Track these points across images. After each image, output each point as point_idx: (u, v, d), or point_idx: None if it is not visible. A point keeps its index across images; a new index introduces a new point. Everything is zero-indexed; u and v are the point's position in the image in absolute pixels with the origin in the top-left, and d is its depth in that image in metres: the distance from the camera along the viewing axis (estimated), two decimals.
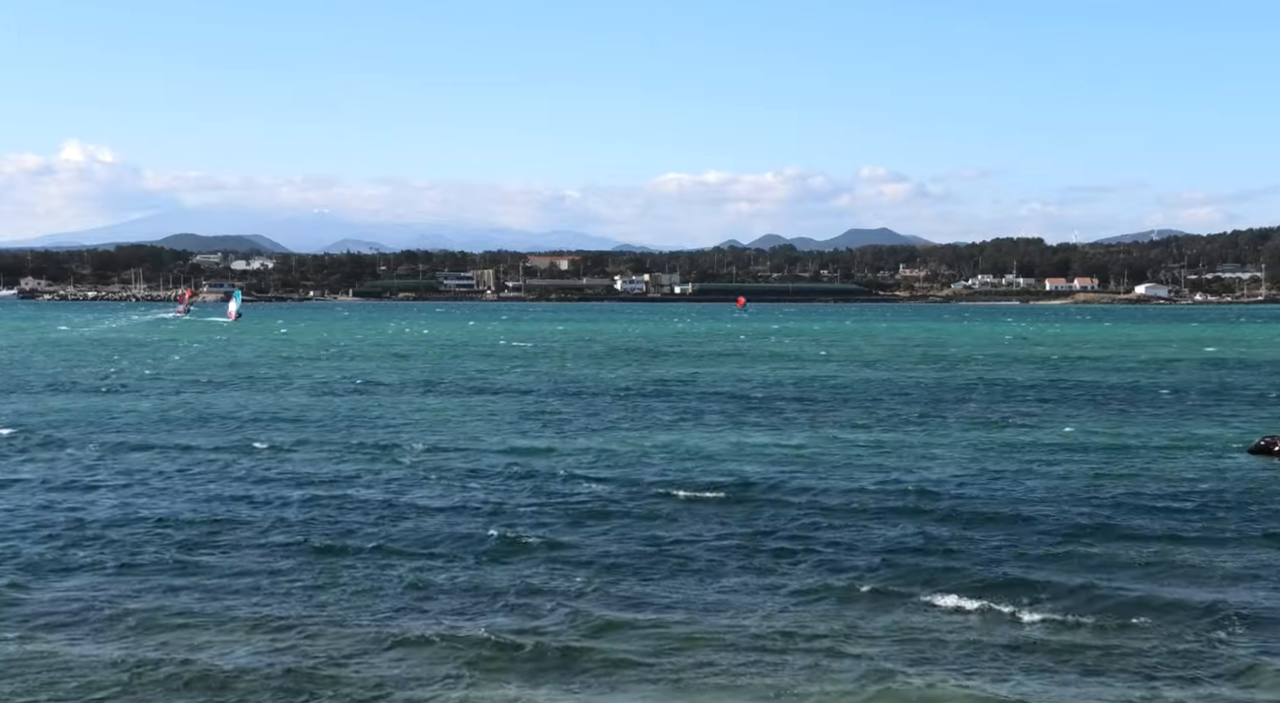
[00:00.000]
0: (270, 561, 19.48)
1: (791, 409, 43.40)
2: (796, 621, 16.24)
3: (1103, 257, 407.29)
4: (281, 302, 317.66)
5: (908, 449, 32.50)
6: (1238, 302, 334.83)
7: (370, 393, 49.99)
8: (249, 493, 25.37)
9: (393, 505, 23.93)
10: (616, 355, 79.67)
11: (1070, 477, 27.77)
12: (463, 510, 23.52)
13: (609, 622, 16.11)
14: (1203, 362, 73.67)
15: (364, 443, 33.30)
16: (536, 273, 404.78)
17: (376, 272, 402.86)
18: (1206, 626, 16.08)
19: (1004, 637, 15.57)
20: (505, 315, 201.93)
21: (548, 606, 16.85)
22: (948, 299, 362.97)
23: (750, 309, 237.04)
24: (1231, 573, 18.86)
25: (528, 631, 15.73)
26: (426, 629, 15.73)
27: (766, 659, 14.69)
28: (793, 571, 18.90)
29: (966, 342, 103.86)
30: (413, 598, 17.34)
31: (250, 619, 16.27)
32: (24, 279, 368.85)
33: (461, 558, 19.60)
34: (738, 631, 15.75)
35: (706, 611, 16.71)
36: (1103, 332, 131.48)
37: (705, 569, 19.00)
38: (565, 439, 34.36)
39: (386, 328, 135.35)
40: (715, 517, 23.00)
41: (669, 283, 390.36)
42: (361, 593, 17.55)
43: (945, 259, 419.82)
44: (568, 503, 24.18)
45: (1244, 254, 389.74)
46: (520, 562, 19.35)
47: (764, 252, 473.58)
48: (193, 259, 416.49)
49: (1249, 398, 48.54)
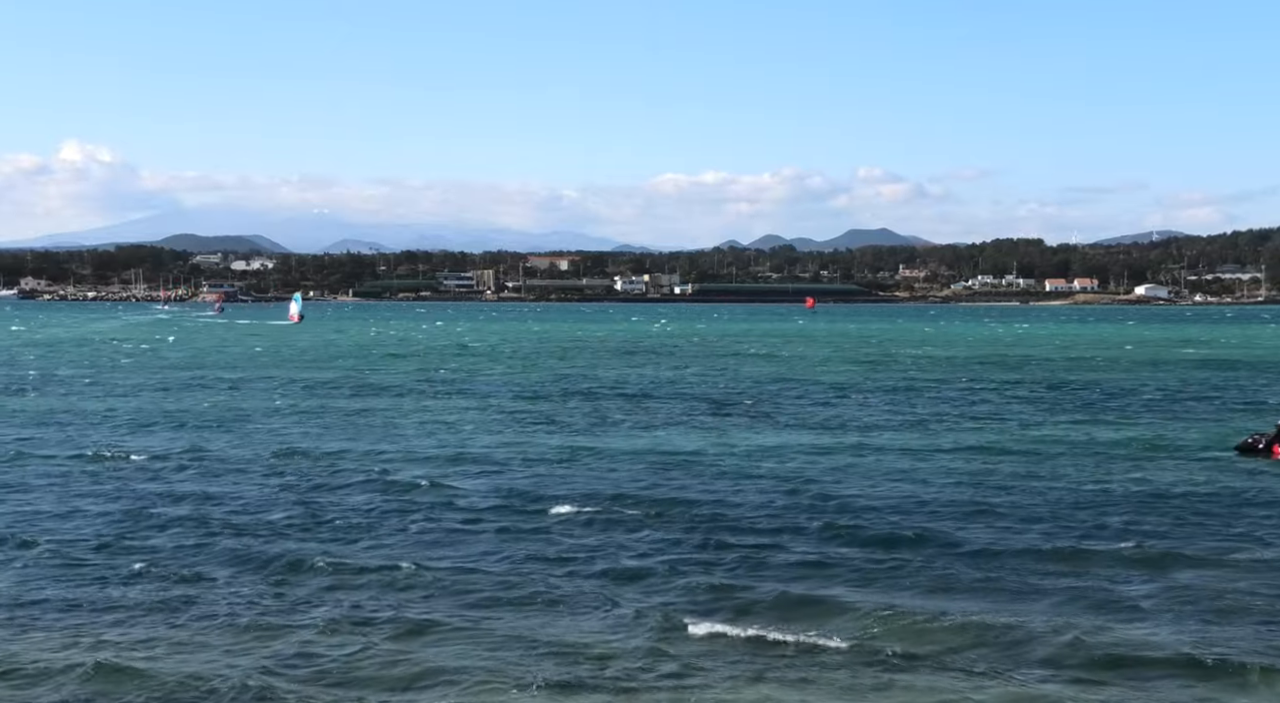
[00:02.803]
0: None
1: (702, 411, 43.44)
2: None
3: (1103, 257, 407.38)
4: (281, 302, 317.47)
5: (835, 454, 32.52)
6: (1238, 302, 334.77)
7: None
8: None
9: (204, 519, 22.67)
10: (571, 356, 79.74)
11: (1058, 475, 27.73)
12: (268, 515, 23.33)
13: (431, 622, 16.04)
14: (1186, 362, 73.66)
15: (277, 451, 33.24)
16: (536, 273, 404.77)
17: (376, 272, 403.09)
18: (1205, 624, 16.04)
19: (1001, 638, 15.52)
20: (495, 314, 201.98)
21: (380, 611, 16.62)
22: (947, 300, 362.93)
23: (739, 311, 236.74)
24: (1230, 571, 18.83)
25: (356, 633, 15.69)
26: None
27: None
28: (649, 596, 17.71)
29: (943, 341, 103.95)
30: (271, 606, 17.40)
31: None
32: (24, 279, 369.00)
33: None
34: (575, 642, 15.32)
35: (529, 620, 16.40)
36: (1087, 332, 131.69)
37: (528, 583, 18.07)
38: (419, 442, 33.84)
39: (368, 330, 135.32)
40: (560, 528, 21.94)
41: (669, 283, 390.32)
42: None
43: (945, 260, 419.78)
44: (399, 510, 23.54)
45: (1244, 255, 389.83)
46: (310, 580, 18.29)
47: (764, 252, 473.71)
48: (193, 259, 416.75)
49: (1236, 398, 48.55)
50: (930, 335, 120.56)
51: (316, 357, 76.82)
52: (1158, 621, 16.22)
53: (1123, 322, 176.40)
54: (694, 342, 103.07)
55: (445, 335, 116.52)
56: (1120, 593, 17.50)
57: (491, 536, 21.17)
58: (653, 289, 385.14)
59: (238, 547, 20.23)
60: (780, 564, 19.17)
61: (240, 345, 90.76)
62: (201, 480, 26.84)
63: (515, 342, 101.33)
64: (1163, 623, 16.10)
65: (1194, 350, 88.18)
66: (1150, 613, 16.56)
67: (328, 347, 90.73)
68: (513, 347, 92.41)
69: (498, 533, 21.31)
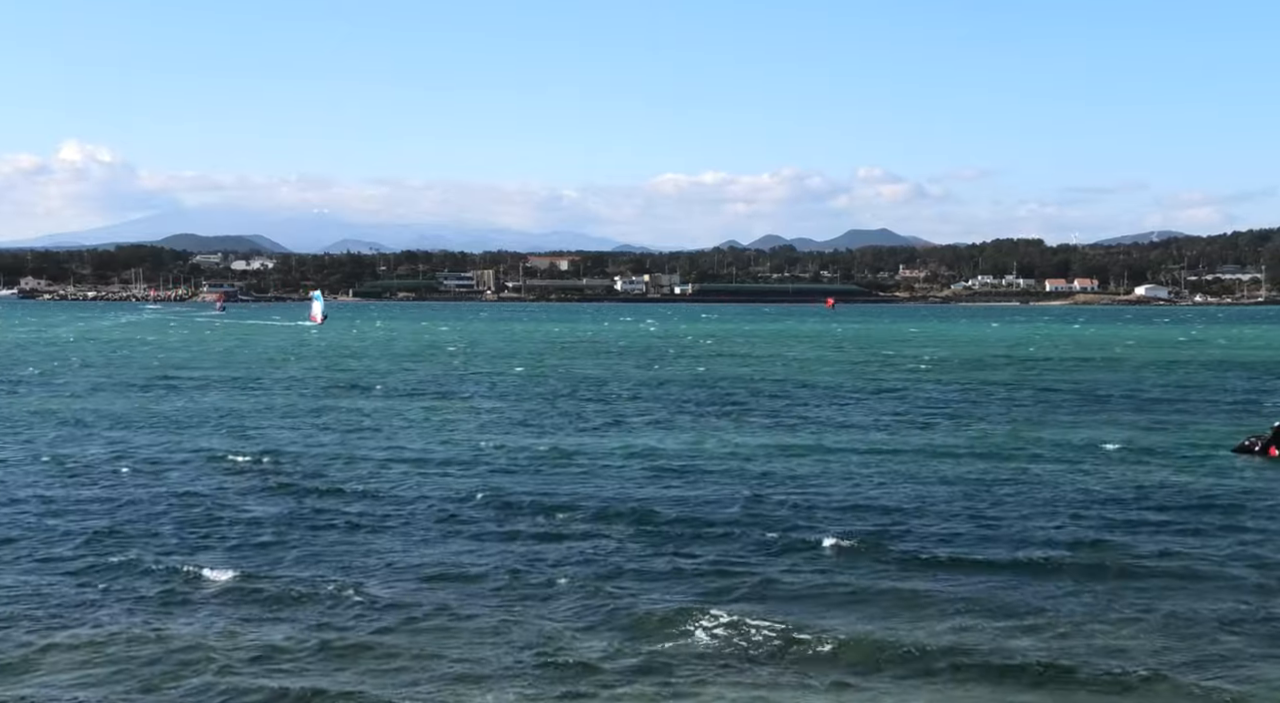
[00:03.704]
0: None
1: (658, 410, 43.47)
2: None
3: (1103, 258, 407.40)
4: (281, 302, 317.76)
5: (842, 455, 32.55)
6: (1238, 303, 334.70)
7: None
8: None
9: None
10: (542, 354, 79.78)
11: (1059, 479, 27.76)
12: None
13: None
14: (1180, 363, 73.71)
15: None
16: (536, 273, 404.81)
17: (376, 272, 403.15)
18: (1207, 623, 16.12)
19: (997, 639, 15.54)
20: (485, 314, 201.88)
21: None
22: (947, 300, 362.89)
23: (725, 311, 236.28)
24: (1229, 568, 18.92)
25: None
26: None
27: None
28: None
29: (928, 341, 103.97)
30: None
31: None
32: (24, 279, 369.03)
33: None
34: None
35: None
36: (1074, 332, 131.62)
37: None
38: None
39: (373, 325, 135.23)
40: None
41: (669, 283, 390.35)
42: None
43: (945, 260, 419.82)
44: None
45: (1244, 255, 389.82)
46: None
47: (764, 252, 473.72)
48: (193, 259, 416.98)
49: (1227, 399, 48.57)
50: (947, 334, 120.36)
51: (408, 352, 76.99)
52: (1156, 620, 16.24)
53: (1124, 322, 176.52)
54: (705, 343, 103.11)
55: (439, 335, 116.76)
56: (1120, 593, 17.51)
57: (464, 538, 21.12)
58: (653, 289, 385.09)
59: (208, 544, 20.55)
60: (756, 564, 19.14)
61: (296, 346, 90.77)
62: (190, 482, 26.95)
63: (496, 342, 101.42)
64: (1163, 623, 16.12)
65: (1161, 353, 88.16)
66: (1150, 613, 16.58)
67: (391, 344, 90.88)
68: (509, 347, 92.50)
69: (470, 538, 21.18)
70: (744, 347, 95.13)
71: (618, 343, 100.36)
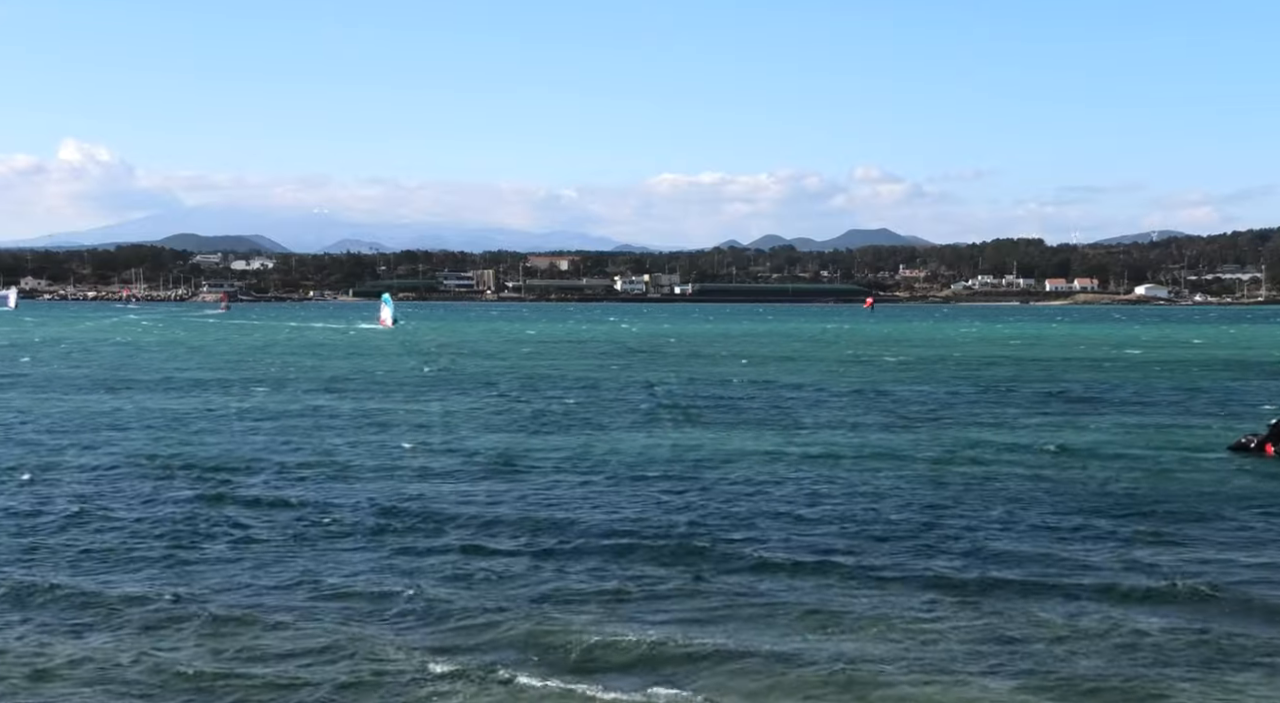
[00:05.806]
0: None
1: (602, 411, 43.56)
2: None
3: (1103, 257, 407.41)
4: (281, 302, 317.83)
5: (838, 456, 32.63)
6: (1238, 302, 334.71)
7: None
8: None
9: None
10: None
11: (1057, 477, 27.80)
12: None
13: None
14: (1175, 362, 73.74)
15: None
16: (536, 273, 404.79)
17: (376, 272, 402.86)
18: (1206, 619, 16.17)
19: (995, 638, 15.56)
20: (472, 314, 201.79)
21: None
22: (947, 300, 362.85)
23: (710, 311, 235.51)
24: (1226, 566, 18.96)
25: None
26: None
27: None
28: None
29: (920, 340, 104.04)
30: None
31: None
32: (24, 279, 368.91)
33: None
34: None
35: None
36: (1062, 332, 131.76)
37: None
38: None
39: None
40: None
41: (669, 283, 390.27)
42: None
43: (945, 260, 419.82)
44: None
45: (1244, 255, 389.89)
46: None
47: (764, 252, 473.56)
48: (193, 259, 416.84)
49: (1222, 398, 48.62)
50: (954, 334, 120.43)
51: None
52: (1155, 619, 16.26)
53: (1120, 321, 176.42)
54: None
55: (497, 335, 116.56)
56: (1119, 593, 17.53)
57: (382, 549, 20.26)
58: (653, 289, 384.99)
59: (148, 556, 19.89)
60: (704, 572, 18.66)
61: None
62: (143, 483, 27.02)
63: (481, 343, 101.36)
64: (1160, 623, 16.14)
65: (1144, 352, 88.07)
66: (1148, 613, 16.60)
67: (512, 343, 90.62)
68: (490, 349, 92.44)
69: (395, 549, 20.24)
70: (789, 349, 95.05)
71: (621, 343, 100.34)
